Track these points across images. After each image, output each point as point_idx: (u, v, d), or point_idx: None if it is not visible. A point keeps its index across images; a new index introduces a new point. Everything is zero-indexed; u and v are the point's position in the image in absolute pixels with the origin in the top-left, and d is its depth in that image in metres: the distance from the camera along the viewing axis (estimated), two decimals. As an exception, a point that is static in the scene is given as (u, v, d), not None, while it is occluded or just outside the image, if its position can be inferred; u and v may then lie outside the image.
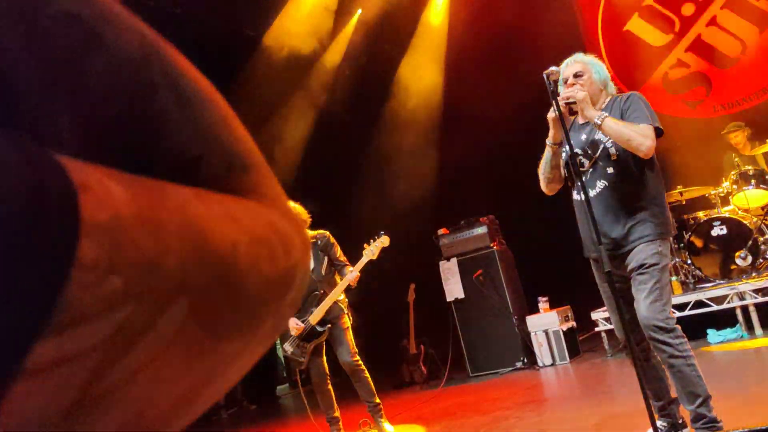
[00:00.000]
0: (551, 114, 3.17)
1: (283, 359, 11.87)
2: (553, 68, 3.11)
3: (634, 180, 3.16)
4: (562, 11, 8.69)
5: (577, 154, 3.25)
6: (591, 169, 3.23)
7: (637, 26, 8.51)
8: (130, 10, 0.41)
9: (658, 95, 8.24)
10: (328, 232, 5.26)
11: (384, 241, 5.14)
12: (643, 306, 3.06)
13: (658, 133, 3.10)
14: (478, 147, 10.26)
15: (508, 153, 8.64)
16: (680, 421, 3.21)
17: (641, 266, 3.09)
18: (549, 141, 3.28)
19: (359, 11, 9.52)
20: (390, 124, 10.06)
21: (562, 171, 3.38)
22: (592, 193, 3.19)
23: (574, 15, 8.83)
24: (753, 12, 7.76)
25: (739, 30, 7.88)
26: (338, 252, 5.16)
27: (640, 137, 3.02)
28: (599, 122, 3.08)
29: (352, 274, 4.98)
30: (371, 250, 5.07)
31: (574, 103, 3.12)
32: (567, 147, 3.11)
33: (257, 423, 8.40)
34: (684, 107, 8.26)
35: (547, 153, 3.31)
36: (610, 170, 3.18)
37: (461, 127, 9.79)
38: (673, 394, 3.25)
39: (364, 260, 5.06)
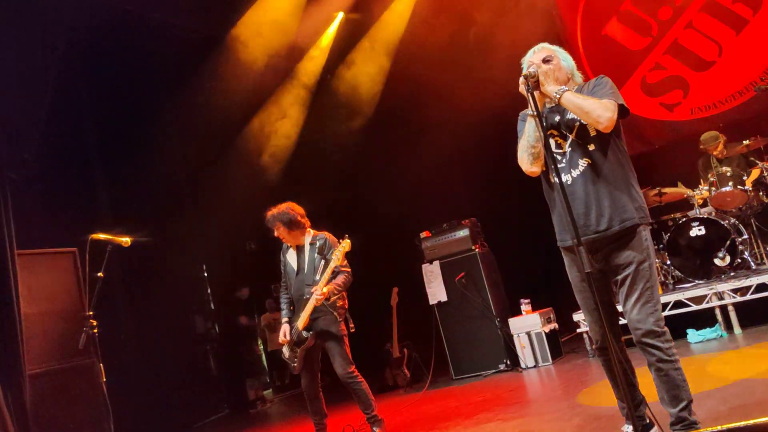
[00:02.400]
0: (522, 89, 3.04)
1: (266, 365, 11.82)
2: (531, 70, 3.07)
3: (615, 158, 3.09)
4: (541, 15, 8.75)
5: (553, 134, 3.18)
6: (570, 149, 3.14)
7: (616, 30, 8.61)
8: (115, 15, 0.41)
9: (636, 98, 8.34)
10: (329, 234, 5.08)
11: (345, 245, 4.91)
12: (633, 309, 3.01)
13: (623, 112, 3.03)
14: (460, 150, 10.30)
15: (489, 155, 8.68)
16: (647, 422, 3.19)
17: (629, 264, 3.02)
18: (529, 111, 3.10)
19: (341, 14, 9.52)
20: (372, 127, 10.05)
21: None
22: (575, 173, 3.10)
23: (553, 19, 8.90)
24: (729, 15, 7.87)
25: (716, 33, 7.99)
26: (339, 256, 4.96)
27: (600, 109, 2.94)
28: (558, 95, 3.02)
29: (317, 291, 4.76)
30: (335, 257, 4.85)
31: (536, 78, 3.05)
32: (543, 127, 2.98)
33: (242, 429, 8.33)
34: (661, 110, 8.36)
35: (530, 125, 3.15)
36: (591, 147, 3.09)
37: (443, 130, 9.80)
38: (646, 395, 3.26)
39: (329, 270, 4.85)
